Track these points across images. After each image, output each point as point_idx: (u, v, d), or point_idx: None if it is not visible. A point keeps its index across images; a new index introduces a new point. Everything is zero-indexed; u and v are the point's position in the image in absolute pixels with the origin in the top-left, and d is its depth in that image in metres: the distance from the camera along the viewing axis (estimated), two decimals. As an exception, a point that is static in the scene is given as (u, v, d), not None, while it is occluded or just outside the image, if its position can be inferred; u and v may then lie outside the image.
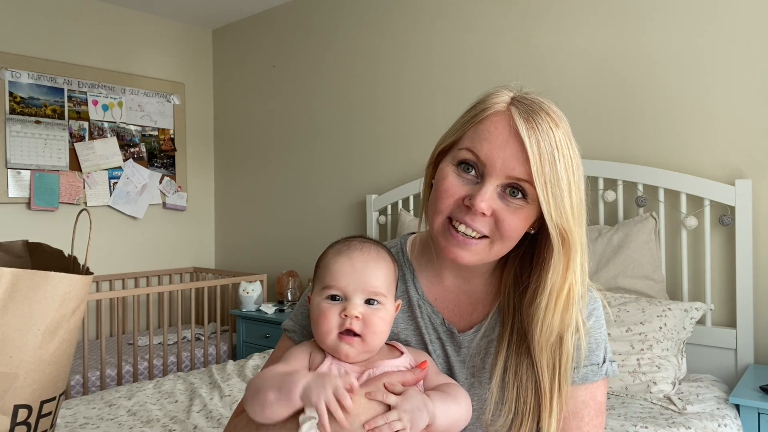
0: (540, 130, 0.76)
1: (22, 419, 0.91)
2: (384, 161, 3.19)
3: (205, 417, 1.86)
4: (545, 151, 0.76)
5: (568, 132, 0.79)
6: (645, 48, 2.33)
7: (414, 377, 0.79)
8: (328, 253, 0.85)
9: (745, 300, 2.04)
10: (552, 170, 0.76)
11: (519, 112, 0.78)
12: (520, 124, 0.77)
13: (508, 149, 0.77)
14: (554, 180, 0.76)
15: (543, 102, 0.80)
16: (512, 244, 0.82)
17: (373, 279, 0.80)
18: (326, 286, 0.81)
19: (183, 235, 4.01)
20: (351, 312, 0.78)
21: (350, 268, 0.80)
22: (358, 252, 0.82)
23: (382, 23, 3.18)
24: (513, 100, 0.81)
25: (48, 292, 0.91)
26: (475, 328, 0.89)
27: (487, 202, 0.77)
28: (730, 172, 2.14)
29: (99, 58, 3.60)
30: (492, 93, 0.83)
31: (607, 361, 0.88)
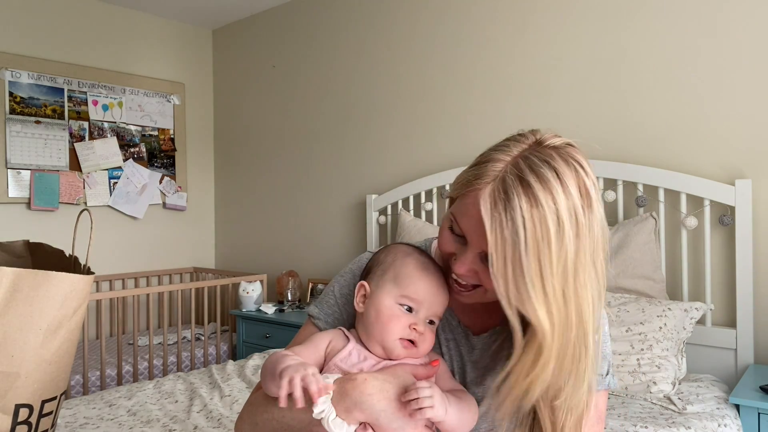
0: (507, 218, 0.72)
1: (24, 418, 0.92)
2: (384, 161, 3.19)
3: (205, 417, 1.86)
4: (508, 237, 0.71)
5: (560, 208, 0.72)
6: (645, 47, 2.33)
7: (426, 372, 0.85)
8: (408, 261, 0.89)
9: (745, 300, 2.04)
10: (515, 257, 0.71)
11: (491, 197, 0.74)
12: (485, 211, 0.74)
13: (480, 228, 0.75)
14: (516, 267, 0.72)
15: (540, 170, 0.73)
16: None
17: (441, 306, 0.87)
18: (406, 295, 0.86)
19: (183, 235, 4.01)
20: (420, 328, 0.85)
21: (433, 290, 0.86)
22: (437, 276, 0.88)
23: (382, 23, 3.18)
24: (504, 170, 0.75)
25: (49, 292, 0.91)
26: (490, 332, 0.93)
27: (466, 266, 0.80)
28: (730, 172, 2.14)
29: (99, 58, 3.60)
30: (491, 156, 0.78)
31: (610, 374, 0.91)
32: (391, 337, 0.84)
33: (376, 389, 0.78)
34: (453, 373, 0.93)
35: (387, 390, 0.79)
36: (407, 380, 0.82)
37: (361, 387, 0.78)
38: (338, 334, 0.90)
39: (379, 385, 0.79)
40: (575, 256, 0.72)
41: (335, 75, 3.41)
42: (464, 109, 2.86)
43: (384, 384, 0.79)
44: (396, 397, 0.79)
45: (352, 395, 0.78)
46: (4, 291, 0.87)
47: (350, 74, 3.34)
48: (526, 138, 0.80)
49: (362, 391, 0.78)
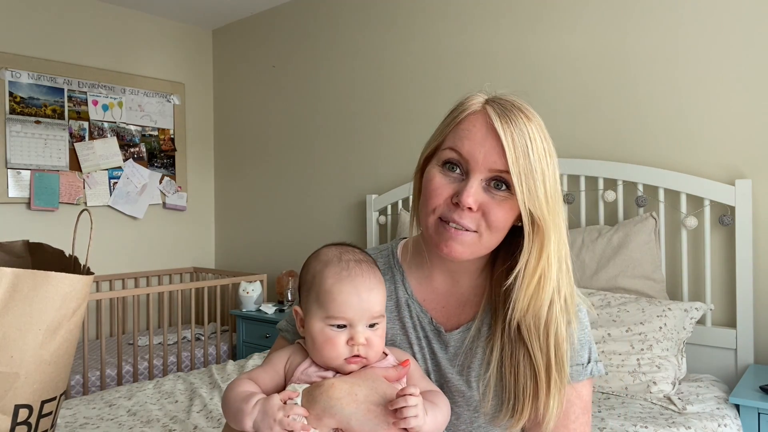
0: (514, 125, 0.81)
1: (23, 419, 0.92)
2: (384, 161, 3.19)
3: (205, 417, 1.86)
4: (519, 143, 0.81)
5: (541, 126, 0.84)
6: (645, 47, 2.33)
7: (396, 374, 0.83)
8: (326, 275, 0.84)
9: (745, 300, 2.04)
10: (525, 161, 0.81)
11: (494, 110, 0.83)
12: (496, 120, 0.82)
13: (487, 144, 0.82)
14: (528, 170, 0.81)
15: (515, 100, 0.86)
16: (501, 235, 0.86)
17: (376, 305, 0.83)
18: (331, 315, 0.82)
19: (183, 235, 4.01)
20: (360, 341, 0.81)
21: (356, 298, 0.82)
22: (360, 278, 0.83)
23: (382, 23, 3.18)
24: (487, 100, 0.86)
25: (49, 292, 0.91)
26: (463, 327, 0.93)
27: (474, 196, 0.82)
28: (730, 172, 2.14)
29: (99, 58, 3.60)
30: (467, 97, 0.88)
31: (593, 361, 0.92)
32: (333, 361, 0.82)
33: (345, 392, 0.78)
34: (428, 372, 0.91)
35: (356, 393, 0.78)
36: (377, 382, 0.81)
37: (329, 392, 0.77)
38: (297, 349, 0.88)
39: (347, 389, 0.78)
40: (554, 167, 0.84)
41: (335, 75, 3.41)
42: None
43: (352, 387, 0.78)
44: (365, 399, 0.78)
45: (320, 401, 0.77)
46: (3, 291, 0.87)
47: (350, 74, 3.34)
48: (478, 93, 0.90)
49: (330, 396, 0.77)
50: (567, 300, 0.87)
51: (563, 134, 2.52)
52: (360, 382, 0.79)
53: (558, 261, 0.85)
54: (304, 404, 0.78)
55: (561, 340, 0.85)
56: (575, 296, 0.90)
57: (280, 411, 0.75)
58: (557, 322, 0.85)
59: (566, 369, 0.86)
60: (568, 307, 0.87)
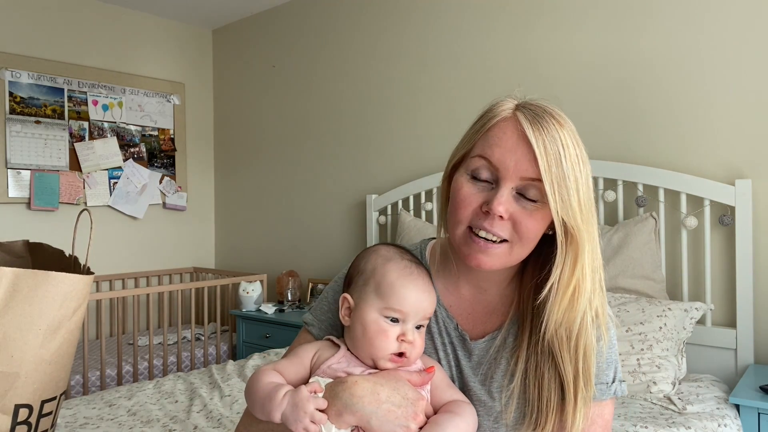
0: (546, 132, 0.79)
1: (23, 419, 0.92)
2: (384, 161, 3.19)
3: (205, 417, 1.86)
4: (551, 151, 0.79)
5: (574, 132, 0.82)
6: (645, 48, 2.33)
7: (420, 379, 0.83)
8: (389, 268, 0.86)
9: (745, 300, 2.04)
10: (558, 169, 0.79)
11: (525, 117, 0.81)
12: (527, 127, 0.80)
13: (519, 152, 0.80)
14: (561, 178, 0.79)
15: (547, 106, 0.84)
16: (531, 246, 0.84)
17: (430, 307, 0.85)
18: (390, 307, 0.84)
19: (183, 235, 4.01)
20: (410, 337, 0.83)
21: (416, 296, 0.84)
22: (421, 279, 0.85)
23: (382, 23, 3.18)
24: (518, 106, 0.84)
25: (49, 292, 0.91)
26: (489, 336, 0.91)
27: (504, 205, 0.80)
28: (730, 172, 2.14)
29: (99, 58, 3.60)
30: (497, 102, 0.86)
31: (617, 381, 0.89)
32: (380, 353, 0.83)
33: (367, 391, 0.78)
34: (451, 379, 0.91)
35: (378, 393, 0.78)
36: (399, 383, 0.81)
37: (352, 389, 0.78)
38: (326, 345, 0.89)
39: (370, 388, 0.78)
40: (588, 175, 0.83)
41: (335, 75, 3.41)
42: (464, 109, 2.86)
43: (375, 387, 0.79)
44: (387, 399, 0.78)
45: (342, 397, 0.77)
46: (3, 291, 0.87)
47: (350, 74, 3.34)
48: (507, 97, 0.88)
49: (352, 393, 0.77)
50: (599, 311, 0.85)
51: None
52: (383, 382, 0.80)
53: (592, 271, 0.83)
54: (326, 399, 0.78)
55: (590, 352, 0.83)
56: (606, 307, 0.88)
57: (310, 403, 0.76)
58: (587, 334, 0.83)
59: (593, 381, 0.84)
60: (599, 319, 0.85)
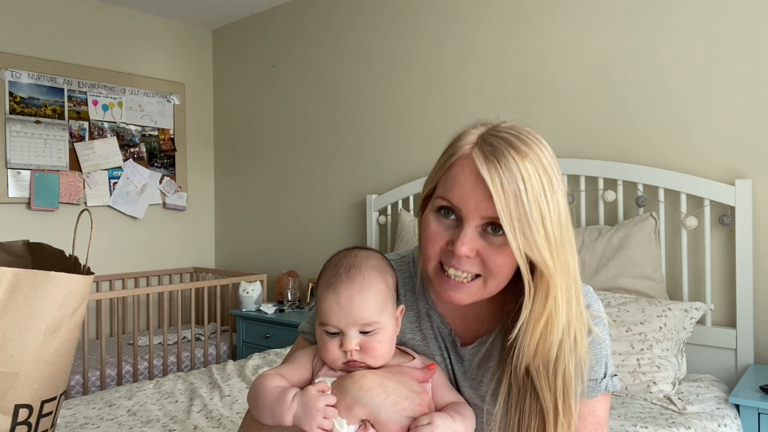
0: (504, 168, 0.76)
1: (23, 419, 0.92)
2: (384, 161, 3.19)
3: (205, 417, 1.86)
4: (510, 188, 0.75)
5: (540, 160, 0.77)
6: (645, 48, 2.33)
7: (423, 375, 0.85)
8: (321, 281, 0.86)
9: (745, 300, 2.04)
10: (518, 206, 0.75)
11: (482, 154, 0.77)
12: (482, 166, 0.76)
13: (478, 192, 0.77)
14: (522, 215, 0.75)
15: (511, 134, 0.79)
16: (506, 279, 0.82)
17: (362, 312, 0.81)
18: (321, 321, 0.84)
19: (183, 235, 4.01)
20: (347, 347, 0.81)
21: (337, 306, 0.81)
22: (343, 285, 0.82)
23: (382, 23, 3.18)
24: (480, 139, 0.80)
25: (49, 292, 0.91)
26: (479, 341, 0.91)
27: (468, 244, 0.78)
28: (730, 172, 2.14)
29: (99, 58, 3.60)
30: (460, 135, 0.83)
31: (608, 377, 0.89)
32: (335, 364, 0.83)
33: (375, 384, 0.79)
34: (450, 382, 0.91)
35: (386, 385, 0.79)
36: (405, 377, 0.82)
37: (360, 382, 0.79)
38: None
39: (378, 380, 0.80)
40: (565, 205, 0.79)
41: (335, 75, 3.41)
42: (464, 109, 2.86)
43: (383, 380, 0.80)
44: (395, 391, 0.79)
45: (351, 390, 0.79)
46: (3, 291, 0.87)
47: (350, 74, 3.34)
48: (482, 124, 0.83)
49: (361, 386, 0.79)
50: (577, 337, 0.82)
51: (563, 134, 2.52)
52: (389, 375, 0.81)
53: (567, 301, 0.80)
54: (335, 395, 0.79)
55: (569, 379, 0.81)
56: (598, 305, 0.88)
57: (321, 400, 0.76)
58: (566, 362, 0.81)
59: (573, 409, 0.82)
60: (578, 343, 0.82)
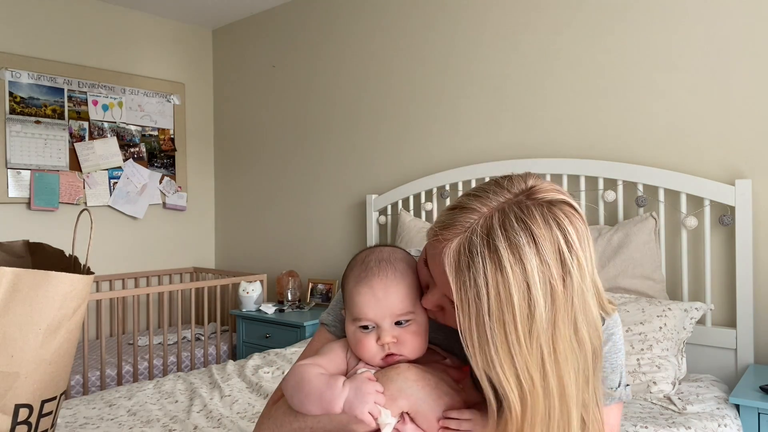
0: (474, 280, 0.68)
1: (23, 418, 0.92)
2: (384, 161, 3.19)
3: (205, 417, 1.86)
4: (472, 304, 0.68)
5: (529, 276, 0.66)
6: (645, 48, 2.33)
7: (458, 374, 0.86)
8: (349, 278, 0.87)
9: (745, 300, 2.04)
10: (478, 325, 0.69)
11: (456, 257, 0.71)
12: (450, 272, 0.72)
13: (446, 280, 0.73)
14: (480, 335, 0.68)
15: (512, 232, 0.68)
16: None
17: (398, 302, 0.82)
18: (355, 317, 0.84)
19: (183, 235, 4.01)
20: (385, 339, 0.82)
21: (373, 299, 0.82)
22: (377, 278, 0.83)
23: (382, 23, 3.18)
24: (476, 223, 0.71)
25: (49, 292, 0.91)
26: None
27: (433, 303, 0.81)
28: (730, 172, 2.14)
29: (99, 58, 3.60)
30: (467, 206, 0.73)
31: (622, 386, 0.88)
32: (373, 361, 0.84)
33: (420, 376, 0.80)
34: None
35: (428, 379, 0.81)
36: (443, 374, 0.83)
37: (405, 373, 0.80)
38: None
39: (421, 374, 0.81)
40: (551, 326, 0.67)
41: (335, 75, 3.41)
42: (464, 110, 2.86)
43: (425, 374, 0.81)
44: (436, 386, 0.80)
45: (396, 381, 0.79)
46: (3, 291, 0.87)
47: (350, 74, 3.34)
48: (514, 184, 0.73)
49: (407, 378, 0.80)
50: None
51: (564, 134, 2.52)
52: (429, 370, 0.82)
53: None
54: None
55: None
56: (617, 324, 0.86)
57: (373, 385, 0.77)
58: None
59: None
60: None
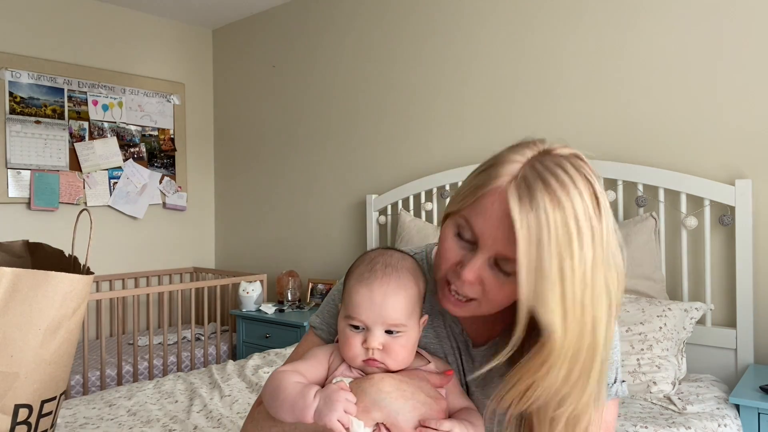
0: (533, 215, 0.71)
1: (23, 419, 0.92)
2: (384, 161, 3.19)
3: (205, 417, 1.86)
4: (534, 236, 0.70)
5: (575, 211, 0.71)
6: (645, 48, 2.33)
7: (440, 380, 0.84)
8: (353, 274, 0.85)
9: (745, 300, 2.04)
10: (539, 256, 0.70)
11: (516, 193, 0.73)
12: (514, 207, 0.72)
13: (501, 229, 0.74)
14: (539, 267, 0.70)
15: (551, 176, 0.73)
16: (501, 307, 0.81)
17: (392, 312, 0.81)
18: (348, 315, 0.83)
19: (183, 235, 4.01)
20: (371, 344, 0.80)
21: (369, 302, 0.81)
22: (378, 282, 0.82)
23: (381, 24, 3.18)
24: (520, 173, 0.74)
25: (49, 292, 0.91)
26: (491, 343, 0.91)
27: (476, 272, 0.77)
28: (730, 172, 2.14)
29: (99, 58, 3.60)
30: (503, 159, 0.77)
31: (617, 382, 0.88)
32: (354, 361, 0.82)
33: (394, 387, 0.79)
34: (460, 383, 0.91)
35: (404, 390, 0.79)
36: (422, 383, 0.82)
37: (379, 385, 0.78)
38: (336, 348, 0.88)
39: (396, 384, 0.79)
40: (592, 263, 0.71)
41: (335, 75, 3.41)
42: (464, 110, 2.86)
43: (401, 384, 0.79)
44: (412, 396, 0.79)
45: (370, 393, 0.78)
46: (3, 291, 0.87)
47: (350, 74, 3.34)
48: (534, 144, 0.77)
49: (380, 389, 0.78)
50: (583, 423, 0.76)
51: (564, 134, 2.52)
52: (407, 380, 0.81)
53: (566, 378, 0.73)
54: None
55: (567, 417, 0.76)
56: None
57: (343, 394, 0.75)
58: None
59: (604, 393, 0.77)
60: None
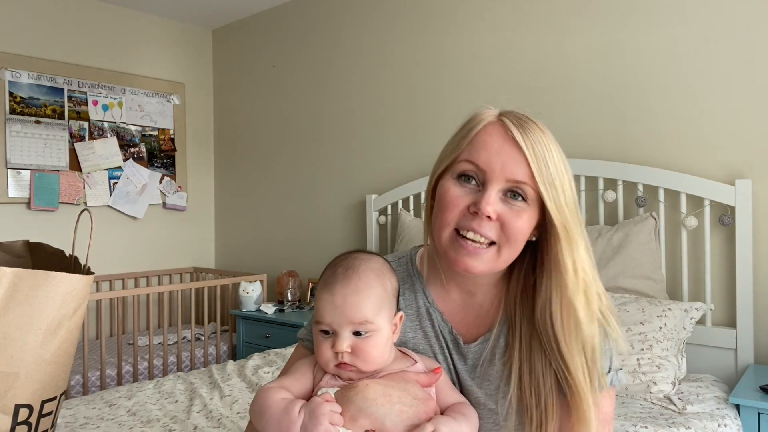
0: (533, 136, 0.82)
1: (23, 419, 0.92)
2: (384, 161, 3.19)
3: (205, 417, 1.86)
4: (540, 153, 0.81)
5: (554, 140, 0.85)
6: (645, 47, 2.33)
7: (428, 379, 0.84)
8: (320, 280, 0.87)
9: (745, 300, 2.04)
10: (548, 171, 0.81)
11: (511, 122, 0.83)
12: (515, 130, 0.82)
13: (505, 154, 0.82)
14: (550, 180, 0.81)
15: (527, 114, 0.86)
16: (519, 248, 0.85)
17: (355, 312, 0.81)
18: (316, 320, 0.84)
19: (183, 235, 4.01)
20: (338, 348, 0.81)
21: (331, 305, 0.82)
22: (339, 284, 0.82)
23: (382, 23, 3.18)
24: (502, 113, 0.87)
25: (49, 292, 0.91)
26: (481, 339, 0.91)
27: (492, 205, 0.81)
28: (730, 172, 2.14)
29: (99, 58, 3.60)
30: (479, 112, 0.88)
31: (613, 371, 0.87)
32: (327, 366, 0.83)
33: (379, 393, 0.78)
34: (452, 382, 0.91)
35: (390, 394, 0.79)
36: (409, 384, 0.81)
37: (364, 392, 0.78)
38: None
39: (381, 390, 0.79)
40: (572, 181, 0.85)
41: (335, 75, 3.41)
42: (464, 110, 2.85)
43: (386, 389, 0.79)
44: (399, 400, 0.78)
45: (355, 401, 0.78)
46: (3, 291, 0.87)
47: (350, 74, 3.34)
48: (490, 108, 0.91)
49: (365, 396, 0.78)
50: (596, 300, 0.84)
51: (563, 134, 2.51)
52: (393, 384, 0.81)
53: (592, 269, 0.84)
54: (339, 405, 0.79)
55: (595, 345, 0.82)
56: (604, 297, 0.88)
57: (327, 406, 0.76)
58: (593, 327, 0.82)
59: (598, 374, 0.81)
60: (603, 311, 0.84)
